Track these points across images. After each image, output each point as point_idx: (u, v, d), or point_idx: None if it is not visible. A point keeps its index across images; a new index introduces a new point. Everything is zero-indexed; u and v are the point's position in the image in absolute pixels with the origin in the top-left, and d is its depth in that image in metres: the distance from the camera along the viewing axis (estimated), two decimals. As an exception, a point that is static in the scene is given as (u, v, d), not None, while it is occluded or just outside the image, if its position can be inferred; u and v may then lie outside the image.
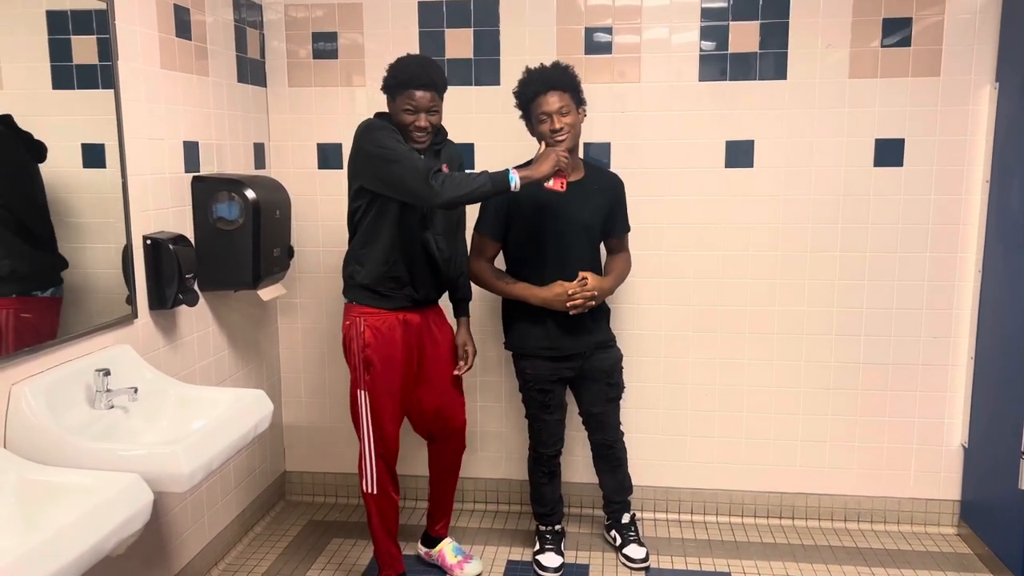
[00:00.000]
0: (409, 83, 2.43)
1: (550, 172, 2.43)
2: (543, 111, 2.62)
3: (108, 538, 1.56)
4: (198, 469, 1.87)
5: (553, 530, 3.01)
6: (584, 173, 2.79)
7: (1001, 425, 2.83)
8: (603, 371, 2.86)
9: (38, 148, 2.06)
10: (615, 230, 2.88)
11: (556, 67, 2.67)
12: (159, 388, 2.25)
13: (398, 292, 2.55)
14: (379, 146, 2.38)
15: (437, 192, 2.29)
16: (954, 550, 3.08)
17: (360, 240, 2.55)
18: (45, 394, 1.93)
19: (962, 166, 3.01)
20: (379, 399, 2.56)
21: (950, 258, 3.06)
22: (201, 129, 2.77)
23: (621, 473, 3.03)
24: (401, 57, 2.53)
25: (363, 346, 2.54)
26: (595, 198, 2.77)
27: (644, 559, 2.94)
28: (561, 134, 2.61)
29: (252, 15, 3.14)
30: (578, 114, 2.67)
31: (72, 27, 2.22)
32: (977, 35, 2.93)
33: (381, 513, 2.65)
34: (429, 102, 2.44)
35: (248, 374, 3.14)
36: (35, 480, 1.67)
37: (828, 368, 3.18)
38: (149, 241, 2.44)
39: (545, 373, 2.82)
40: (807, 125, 3.05)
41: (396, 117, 2.46)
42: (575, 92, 2.67)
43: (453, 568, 2.87)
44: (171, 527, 2.64)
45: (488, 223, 2.78)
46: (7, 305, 2.01)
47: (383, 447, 2.60)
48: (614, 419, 2.96)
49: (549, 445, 2.91)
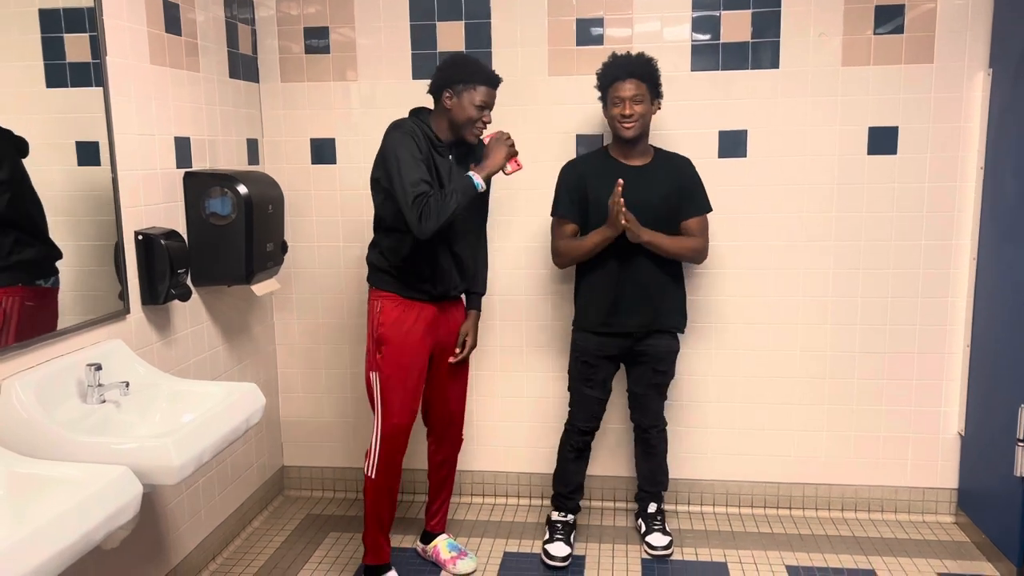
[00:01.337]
0: (487, 80, 2.53)
1: (503, 160, 2.53)
2: (618, 95, 2.71)
3: (97, 530, 1.56)
4: (188, 462, 1.87)
5: (566, 520, 3.02)
6: (651, 158, 2.85)
7: (997, 413, 2.83)
8: (652, 356, 2.89)
9: (19, 144, 2.06)
10: (683, 211, 2.84)
11: (640, 57, 2.75)
12: (151, 382, 2.25)
13: (418, 285, 2.61)
14: (392, 156, 2.45)
15: (422, 227, 2.39)
16: (951, 538, 3.07)
17: (384, 231, 2.62)
18: (36, 388, 1.94)
19: (956, 153, 3.00)
20: (389, 379, 2.59)
21: (945, 246, 3.05)
22: (192, 125, 2.78)
23: (655, 463, 3.04)
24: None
25: (378, 324, 2.61)
26: (661, 181, 2.80)
27: (665, 547, 2.95)
28: (630, 120, 2.71)
29: (244, 12, 3.14)
30: (652, 105, 2.76)
31: (64, 25, 2.22)
32: (970, 22, 2.92)
33: (376, 501, 2.67)
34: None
35: (244, 369, 3.15)
36: (24, 473, 1.67)
37: (824, 357, 3.18)
38: (140, 237, 2.44)
39: (592, 347, 2.88)
40: (800, 114, 3.04)
41: (461, 113, 2.51)
42: (652, 83, 2.75)
43: (446, 563, 2.88)
44: (168, 521, 2.65)
45: (564, 207, 2.86)
46: (9, 294, 2.02)
47: (389, 432, 2.61)
48: (655, 405, 2.98)
49: (582, 419, 2.95)
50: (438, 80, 2.55)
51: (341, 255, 3.34)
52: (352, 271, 3.33)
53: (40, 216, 2.11)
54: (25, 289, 2.09)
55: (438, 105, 2.57)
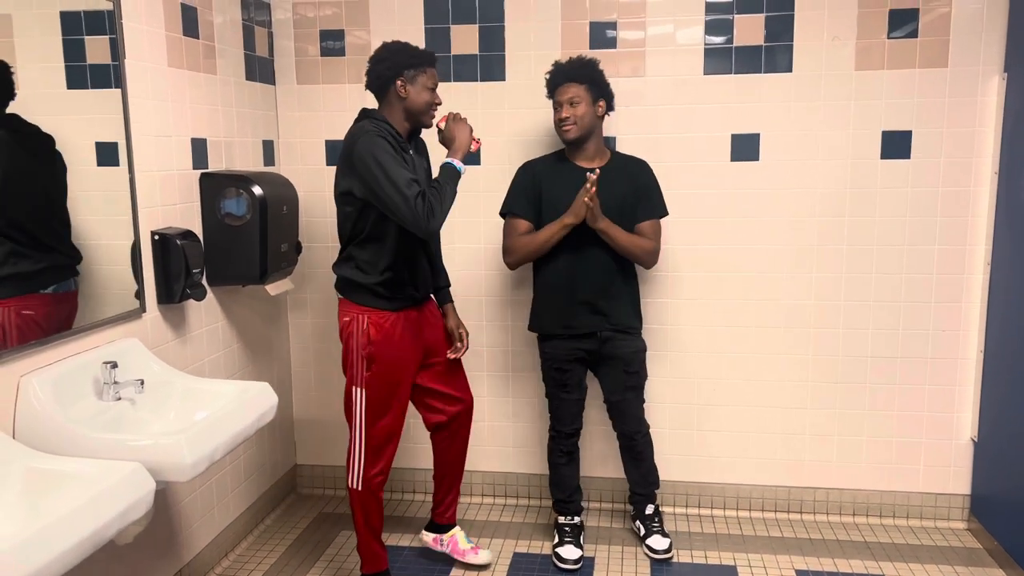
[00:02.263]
0: (432, 61, 2.54)
1: (469, 138, 2.53)
2: (557, 99, 2.80)
3: (109, 525, 1.59)
4: (201, 459, 1.90)
5: (572, 523, 3.03)
6: (607, 160, 2.89)
7: (1011, 419, 2.81)
8: (621, 357, 2.89)
9: (47, 141, 2.10)
10: (639, 213, 2.86)
11: (578, 60, 2.83)
12: (166, 380, 2.29)
13: (400, 293, 2.57)
14: (376, 165, 2.34)
15: (429, 226, 2.34)
16: (964, 544, 3.05)
17: (359, 244, 2.53)
18: (53, 386, 1.98)
19: (970, 158, 2.98)
20: (377, 396, 2.55)
21: (959, 251, 3.04)
22: (209, 126, 2.81)
23: (644, 466, 3.05)
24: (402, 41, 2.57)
25: (366, 343, 2.53)
26: (616, 183, 2.83)
27: (666, 550, 2.96)
28: (567, 123, 2.78)
29: (261, 14, 3.18)
30: (594, 106, 2.79)
31: (85, 27, 2.26)
32: (985, 26, 2.90)
33: (365, 510, 2.63)
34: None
35: (258, 368, 3.19)
36: (40, 468, 1.70)
37: (836, 362, 3.17)
38: (157, 236, 2.48)
39: (561, 352, 2.90)
40: (813, 118, 3.03)
41: (418, 98, 2.49)
42: (593, 84, 2.79)
43: (466, 553, 2.88)
44: (181, 518, 2.69)
45: (520, 206, 2.88)
46: (20, 302, 2.06)
47: (375, 444, 2.58)
48: (635, 409, 2.97)
49: (566, 423, 2.98)
50: (385, 72, 2.48)
51: (355, 256, 3.36)
52: (365, 272, 3.35)
53: (62, 219, 2.16)
54: (42, 295, 2.14)
55: (388, 98, 2.51)
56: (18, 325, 2.00)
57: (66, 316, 2.17)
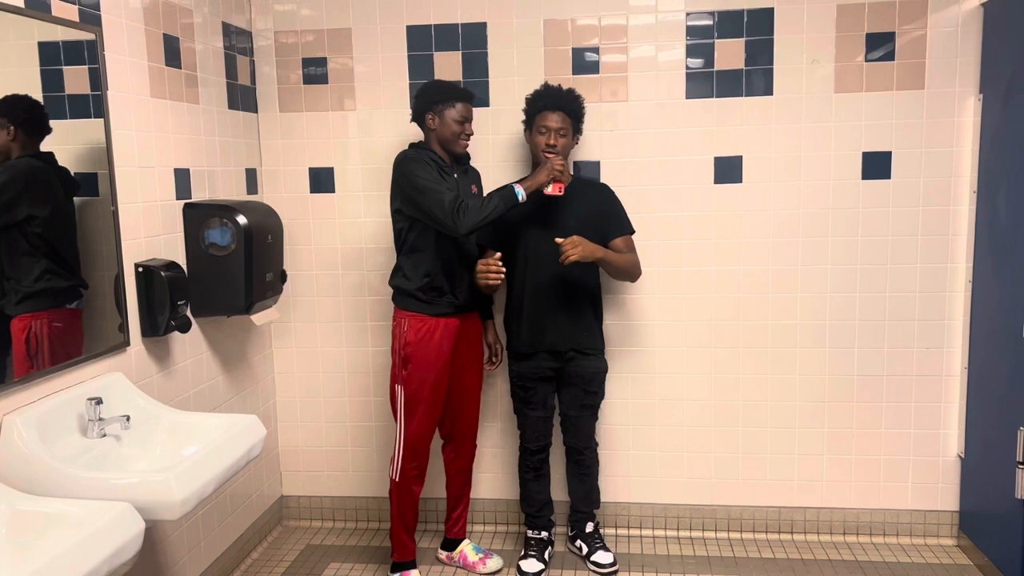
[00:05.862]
0: (461, 96, 2.79)
1: (547, 180, 2.72)
2: (545, 124, 2.85)
3: (99, 568, 1.55)
4: (191, 496, 1.87)
5: (539, 536, 3.08)
6: (570, 182, 2.93)
7: (997, 435, 2.83)
8: (582, 377, 2.97)
9: (72, 183, 2.23)
10: (610, 233, 2.92)
11: (570, 92, 2.90)
12: (152, 415, 2.25)
13: (440, 299, 2.80)
14: (413, 177, 2.67)
15: (459, 224, 2.60)
16: (953, 561, 3.07)
17: (405, 254, 2.82)
18: (37, 424, 1.93)
19: (949, 177, 3.02)
20: (414, 394, 2.80)
21: (941, 269, 3.07)
22: (192, 156, 2.79)
23: (589, 483, 3.11)
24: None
25: (404, 344, 2.79)
26: (577, 205, 2.90)
27: (613, 563, 3.01)
28: (552, 151, 2.83)
29: (242, 42, 3.17)
30: (572, 140, 2.91)
31: (64, 58, 2.24)
32: (960, 48, 2.96)
33: (400, 503, 2.86)
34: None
35: (243, 399, 3.14)
36: (26, 511, 1.66)
37: (822, 381, 3.18)
38: (140, 268, 2.45)
39: (527, 370, 2.98)
40: (794, 140, 3.07)
41: (445, 130, 2.76)
42: (576, 120, 2.91)
43: (476, 565, 3.02)
44: (168, 554, 2.63)
45: (483, 234, 2.90)
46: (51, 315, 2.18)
47: (411, 441, 2.82)
48: (587, 426, 3.05)
49: (532, 440, 3.05)
50: (418, 107, 2.80)
51: (340, 283, 3.34)
52: (351, 299, 3.33)
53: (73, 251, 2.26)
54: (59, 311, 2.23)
55: (424, 128, 2.80)
56: (49, 335, 2.14)
57: (79, 330, 2.26)
